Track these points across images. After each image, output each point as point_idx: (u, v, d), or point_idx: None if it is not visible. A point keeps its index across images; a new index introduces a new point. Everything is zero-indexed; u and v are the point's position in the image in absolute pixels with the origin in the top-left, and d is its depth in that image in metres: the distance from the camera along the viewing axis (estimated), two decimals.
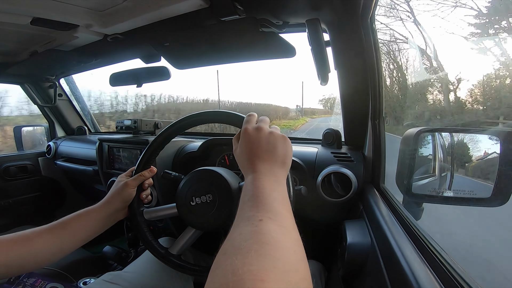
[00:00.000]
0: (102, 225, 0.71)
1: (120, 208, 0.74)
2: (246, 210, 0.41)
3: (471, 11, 6.07)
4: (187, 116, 0.73)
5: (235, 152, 0.57)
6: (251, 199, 0.42)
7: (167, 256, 0.74)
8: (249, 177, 0.48)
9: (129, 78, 1.38)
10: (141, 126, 1.36)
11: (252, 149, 0.52)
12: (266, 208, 0.40)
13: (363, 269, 0.66)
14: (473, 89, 5.25)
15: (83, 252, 1.41)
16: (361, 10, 0.66)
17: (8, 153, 1.84)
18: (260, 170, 0.49)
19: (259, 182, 0.46)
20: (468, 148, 0.77)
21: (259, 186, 0.45)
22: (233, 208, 0.65)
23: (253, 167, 0.50)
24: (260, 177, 0.47)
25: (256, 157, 0.51)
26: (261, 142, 0.53)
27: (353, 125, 0.95)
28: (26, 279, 0.97)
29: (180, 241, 0.75)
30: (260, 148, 0.52)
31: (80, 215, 0.68)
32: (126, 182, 0.75)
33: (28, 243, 0.59)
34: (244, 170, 0.52)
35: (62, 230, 0.64)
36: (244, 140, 0.54)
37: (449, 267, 0.44)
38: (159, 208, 0.79)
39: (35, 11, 0.80)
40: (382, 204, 0.71)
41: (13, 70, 1.36)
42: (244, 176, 0.52)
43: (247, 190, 0.45)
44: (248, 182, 0.47)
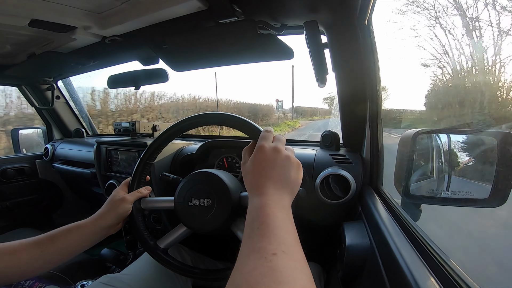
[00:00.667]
0: (92, 240, 0.70)
1: (113, 224, 0.72)
2: (256, 240, 0.39)
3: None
4: (201, 114, 0.72)
5: (244, 165, 0.55)
6: (261, 227, 0.41)
7: (154, 249, 0.74)
8: (257, 199, 0.47)
9: (127, 80, 1.38)
10: (139, 128, 1.36)
11: (266, 170, 0.51)
12: (278, 240, 0.39)
13: (362, 271, 0.66)
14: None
15: (81, 255, 1.40)
16: (359, 12, 0.67)
17: (5, 156, 1.83)
18: (270, 195, 0.47)
19: (270, 209, 0.44)
20: (465, 149, 0.78)
21: (269, 214, 0.43)
22: (229, 216, 0.65)
23: (263, 190, 0.48)
24: (270, 203, 0.45)
25: (268, 180, 0.49)
26: (276, 165, 0.51)
27: (351, 127, 0.96)
28: (23, 281, 0.97)
29: (169, 237, 0.75)
30: (274, 171, 0.51)
31: (71, 230, 0.66)
32: (124, 197, 0.73)
33: (15, 255, 0.58)
34: (251, 189, 0.50)
35: (50, 245, 0.63)
36: (258, 158, 0.52)
37: (448, 268, 0.44)
38: (157, 199, 0.78)
39: (33, 13, 0.80)
40: (380, 205, 0.72)
41: (11, 72, 1.36)
42: (250, 195, 0.50)
43: (256, 216, 0.43)
44: (257, 206, 0.45)
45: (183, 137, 1.45)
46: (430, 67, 7.36)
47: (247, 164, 0.54)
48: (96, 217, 0.70)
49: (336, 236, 0.80)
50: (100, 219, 0.70)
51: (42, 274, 1.07)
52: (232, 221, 0.68)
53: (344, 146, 1.03)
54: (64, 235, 0.65)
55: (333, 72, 0.84)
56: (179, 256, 0.89)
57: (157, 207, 0.78)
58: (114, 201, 0.73)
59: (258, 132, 0.60)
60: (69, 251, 0.66)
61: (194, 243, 1.12)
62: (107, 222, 0.71)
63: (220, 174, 0.70)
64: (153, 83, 1.33)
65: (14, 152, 1.94)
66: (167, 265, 0.73)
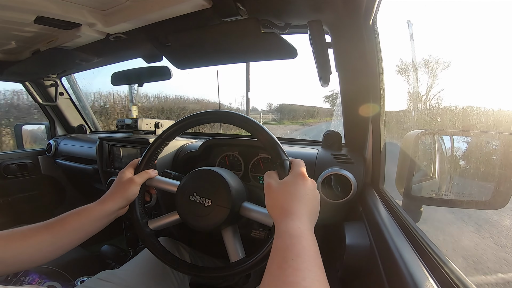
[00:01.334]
0: (102, 223, 0.69)
1: (122, 206, 0.71)
2: (289, 272, 0.39)
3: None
4: (225, 110, 0.71)
5: (272, 188, 0.54)
6: (296, 260, 0.40)
7: (142, 228, 0.74)
8: (291, 226, 0.46)
9: (130, 77, 1.39)
10: (142, 125, 1.37)
11: (305, 199, 0.52)
12: (312, 277, 0.39)
13: (362, 271, 0.66)
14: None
15: (81, 251, 1.41)
16: (363, 12, 0.67)
17: (8, 151, 1.84)
18: (306, 224, 0.48)
19: (306, 241, 0.44)
20: (468, 151, 0.77)
21: (306, 247, 0.43)
22: (224, 222, 0.66)
23: (299, 217, 0.48)
24: (307, 233, 0.46)
25: (305, 208, 0.50)
26: (313, 196, 0.53)
27: (353, 127, 0.96)
28: (23, 277, 0.98)
29: (160, 220, 0.76)
30: (311, 202, 0.52)
31: (80, 213, 0.66)
32: (132, 179, 0.72)
33: (25, 240, 0.58)
34: (281, 212, 0.50)
35: (60, 229, 0.62)
36: (299, 185, 0.53)
37: (447, 269, 0.44)
38: (163, 180, 0.78)
39: (39, 9, 0.80)
40: (381, 206, 0.72)
41: (16, 68, 1.36)
42: (280, 217, 0.49)
43: (291, 245, 0.43)
44: (291, 233, 0.45)
45: (185, 135, 1.45)
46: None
47: (280, 186, 0.54)
48: (105, 200, 0.69)
49: (336, 235, 0.80)
50: (108, 202, 0.69)
51: (42, 270, 1.07)
52: (225, 227, 0.69)
53: (346, 146, 1.03)
54: (74, 219, 0.64)
55: (337, 72, 0.84)
56: (177, 253, 0.89)
57: (161, 187, 0.78)
58: (122, 183, 0.72)
59: (284, 156, 0.61)
60: (79, 235, 0.65)
61: (192, 240, 1.12)
62: (116, 205, 0.70)
63: (228, 178, 0.69)
64: (156, 80, 1.33)
65: (17, 148, 1.95)
66: (151, 248, 0.73)
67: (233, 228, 0.70)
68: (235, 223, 0.72)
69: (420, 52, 5.86)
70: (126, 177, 0.73)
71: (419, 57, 6.65)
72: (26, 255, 0.58)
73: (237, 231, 0.71)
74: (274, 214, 0.51)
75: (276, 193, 0.53)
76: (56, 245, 0.62)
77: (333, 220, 0.93)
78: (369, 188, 0.85)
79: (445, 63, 6.21)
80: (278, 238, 0.46)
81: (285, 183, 0.54)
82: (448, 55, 6.30)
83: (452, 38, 7.43)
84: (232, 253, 0.68)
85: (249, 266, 0.62)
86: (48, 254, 0.61)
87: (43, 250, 0.60)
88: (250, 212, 0.67)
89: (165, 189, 0.77)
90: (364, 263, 0.65)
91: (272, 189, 0.54)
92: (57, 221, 0.63)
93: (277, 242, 0.45)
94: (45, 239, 0.60)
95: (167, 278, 0.82)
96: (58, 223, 0.63)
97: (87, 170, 1.56)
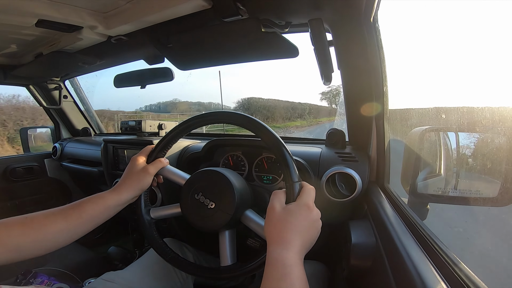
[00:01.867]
0: (115, 212, 0.69)
1: (136, 195, 0.72)
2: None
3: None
4: (229, 111, 0.72)
5: (275, 211, 0.54)
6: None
7: (144, 215, 0.75)
8: (286, 255, 0.47)
9: (133, 79, 1.39)
10: (145, 127, 1.37)
11: (305, 232, 0.52)
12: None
13: (368, 270, 0.66)
14: None
15: (89, 253, 1.43)
16: (364, 9, 0.66)
17: (14, 155, 1.86)
18: (299, 254, 0.49)
19: (299, 272, 0.46)
20: (474, 147, 0.76)
21: (299, 277, 0.45)
22: (224, 226, 0.66)
23: (296, 248, 0.49)
24: (299, 263, 0.47)
25: (302, 240, 0.51)
26: (313, 228, 0.53)
27: (357, 125, 0.95)
28: (32, 279, 0.99)
29: (162, 210, 0.76)
30: (310, 235, 0.53)
31: (97, 202, 0.66)
32: (146, 168, 0.72)
33: (41, 228, 0.58)
34: (278, 240, 0.50)
35: (78, 217, 0.62)
36: (302, 216, 0.53)
37: (456, 267, 0.43)
38: (174, 172, 0.78)
39: (40, 13, 0.80)
40: (387, 204, 0.71)
41: (19, 72, 1.38)
42: (275, 244, 0.50)
43: (284, 274, 0.45)
44: (285, 262, 0.46)
45: (189, 136, 1.45)
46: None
47: (284, 211, 0.54)
48: (120, 190, 0.69)
49: (341, 234, 0.80)
50: (123, 192, 0.69)
51: (51, 272, 1.09)
52: (223, 230, 0.69)
53: (350, 144, 1.02)
54: (91, 208, 0.65)
55: (339, 70, 0.83)
56: (181, 253, 0.89)
57: (170, 177, 0.77)
58: (136, 172, 0.71)
59: (295, 178, 0.59)
60: (94, 223, 0.66)
61: (196, 241, 1.13)
62: (131, 195, 0.70)
63: (236, 184, 0.69)
64: (158, 81, 1.33)
65: (23, 151, 1.97)
66: (150, 238, 0.74)
67: (231, 233, 0.71)
68: (234, 228, 0.72)
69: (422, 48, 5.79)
70: (140, 166, 0.72)
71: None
72: (41, 243, 0.59)
73: (234, 236, 0.72)
74: (270, 238, 0.52)
75: (277, 219, 0.53)
76: (71, 233, 0.63)
77: (338, 219, 0.92)
78: (374, 186, 0.84)
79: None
80: (272, 265, 0.46)
81: (289, 211, 0.53)
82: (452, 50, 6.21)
83: (452, 36, 7.32)
84: (223, 257, 0.69)
85: (238, 274, 0.63)
86: (63, 242, 0.62)
87: (59, 238, 0.61)
88: (250, 222, 0.68)
89: (174, 180, 0.77)
90: (370, 262, 0.65)
91: (274, 214, 0.54)
92: (74, 209, 0.63)
93: (271, 270, 0.46)
94: (62, 228, 0.61)
95: (171, 278, 0.83)
96: (75, 211, 0.63)
97: (93, 173, 1.57)
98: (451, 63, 5.25)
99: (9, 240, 0.54)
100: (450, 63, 5.22)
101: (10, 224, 0.56)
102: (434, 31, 8.43)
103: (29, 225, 0.58)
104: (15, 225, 0.56)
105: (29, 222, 0.58)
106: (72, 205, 0.64)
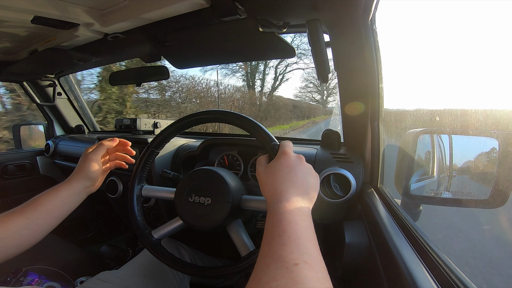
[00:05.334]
0: (74, 201, 0.70)
1: (88, 184, 0.72)
2: (277, 248, 0.38)
3: None
4: (215, 110, 0.72)
5: (262, 172, 0.55)
6: (282, 236, 0.40)
7: (148, 238, 0.74)
8: (279, 205, 0.46)
9: (129, 77, 1.39)
10: (140, 125, 1.36)
11: (289, 176, 0.51)
12: (301, 250, 0.38)
13: (361, 270, 0.67)
14: None
15: (81, 252, 1.41)
16: (362, 11, 0.67)
17: (6, 152, 1.83)
18: (292, 201, 0.47)
19: (292, 216, 0.44)
20: (466, 149, 0.77)
21: (292, 221, 0.43)
22: (227, 218, 0.65)
23: (285, 195, 0.48)
24: (293, 209, 0.45)
25: (291, 185, 0.50)
26: (299, 171, 0.52)
27: (352, 126, 0.96)
28: (23, 278, 0.97)
29: (164, 228, 0.75)
30: (297, 177, 0.51)
31: (50, 194, 0.67)
32: (87, 155, 0.73)
33: (2, 225, 0.58)
34: (272, 195, 0.50)
35: (34, 211, 0.63)
36: (281, 163, 0.53)
37: (447, 268, 0.44)
38: (159, 189, 0.78)
39: (36, 9, 0.80)
40: (380, 205, 0.72)
41: (13, 68, 1.36)
42: (269, 201, 0.49)
43: (277, 223, 0.43)
44: (278, 212, 0.45)
45: (184, 135, 1.45)
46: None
47: (267, 169, 0.54)
48: (70, 180, 0.71)
49: (335, 234, 0.80)
50: (73, 182, 0.71)
51: (42, 271, 1.07)
52: (229, 222, 0.69)
53: (345, 145, 1.03)
54: (45, 200, 0.65)
55: (335, 71, 0.84)
56: (177, 253, 0.89)
57: (158, 196, 0.78)
58: (81, 161, 0.73)
59: (272, 140, 0.61)
60: (54, 215, 0.66)
61: (192, 240, 1.13)
62: (81, 183, 0.71)
63: (224, 174, 0.69)
64: (154, 80, 1.33)
65: (15, 148, 1.94)
66: (159, 256, 0.72)
67: (238, 223, 0.70)
68: (239, 217, 0.71)
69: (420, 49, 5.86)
70: (84, 154, 0.74)
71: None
72: (8, 241, 0.58)
73: (242, 225, 0.71)
74: (266, 199, 0.52)
75: (264, 178, 0.54)
76: (32, 228, 0.62)
77: (332, 219, 0.93)
78: (368, 187, 0.85)
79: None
80: (267, 219, 0.46)
81: (270, 166, 0.54)
82: (449, 52, 6.29)
83: (449, 38, 7.41)
84: (242, 247, 0.67)
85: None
86: (27, 238, 0.62)
87: (23, 234, 0.61)
88: (251, 203, 0.68)
89: (163, 197, 0.77)
90: (363, 262, 0.65)
91: (260, 175, 0.55)
92: (29, 204, 0.64)
93: (266, 224, 0.45)
94: (21, 223, 0.61)
95: (167, 278, 0.83)
96: (30, 206, 0.64)
97: None
98: (447, 65, 5.31)
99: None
100: (446, 65, 5.29)
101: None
102: (430, 33, 8.52)
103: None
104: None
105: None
106: (29, 201, 0.65)
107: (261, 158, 0.59)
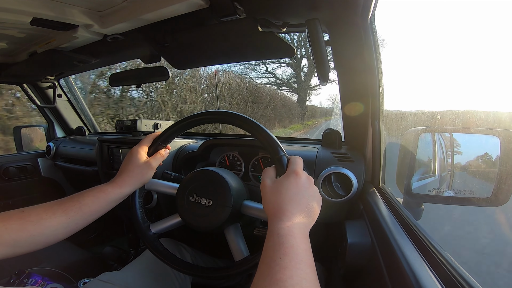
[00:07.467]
0: (115, 204, 0.68)
1: (136, 189, 0.71)
2: (276, 270, 0.39)
3: None
4: (224, 111, 0.71)
5: (266, 186, 0.54)
6: (283, 259, 0.40)
7: (145, 231, 0.74)
8: (281, 225, 0.46)
9: (128, 78, 1.39)
10: (141, 126, 1.36)
11: (297, 197, 0.51)
12: (300, 275, 0.39)
13: (364, 269, 0.67)
14: None
15: (84, 253, 1.41)
16: (361, 10, 0.66)
17: (7, 154, 1.83)
18: (295, 224, 0.47)
19: (295, 240, 0.44)
20: (468, 148, 0.77)
21: (293, 245, 0.43)
22: (226, 221, 0.65)
23: (288, 216, 0.48)
24: (296, 232, 0.45)
25: (296, 208, 0.49)
26: (306, 194, 0.52)
27: (353, 125, 0.95)
28: (26, 279, 0.98)
29: (162, 223, 0.75)
30: (304, 200, 0.51)
31: (98, 196, 0.64)
32: (148, 162, 0.70)
33: (40, 223, 0.56)
34: (275, 212, 0.50)
35: (78, 211, 0.60)
36: (291, 183, 0.52)
37: (450, 267, 0.44)
38: (162, 183, 0.78)
39: (35, 11, 0.79)
40: (382, 204, 0.72)
41: (13, 70, 1.36)
42: (272, 218, 0.49)
43: (279, 244, 0.43)
44: (280, 233, 0.45)
45: (184, 135, 1.45)
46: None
47: (274, 185, 0.54)
48: (123, 184, 0.68)
49: (337, 234, 0.80)
50: (126, 187, 0.68)
51: (45, 272, 1.08)
52: (227, 226, 0.69)
53: (346, 144, 1.03)
54: (92, 202, 0.63)
55: (335, 70, 0.84)
56: (178, 253, 0.89)
57: (160, 190, 0.78)
58: (138, 165, 0.70)
59: (280, 152, 0.60)
60: (94, 216, 0.65)
61: (193, 241, 1.13)
62: (133, 189, 0.69)
63: (228, 177, 0.69)
64: (154, 80, 1.33)
65: (16, 150, 1.95)
66: (155, 251, 0.72)
67: (235, 227, 0.70)
68: (237, 222, 0.72)
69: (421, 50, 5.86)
70: (142, 159, 0.70)
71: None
72: (40, 238, 0.57)
73: (239, 230, 0.71)
74: (267, 214, 0.52)
75: (269, 193, 0.53)
76: (71, 227, 0.61)
77: (334, 219, 0.93)
78: (370, 186, 0.85)
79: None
80: (268, 238, 0.46)
81: (279, 182, 0.54)
82: (449, 51, 6.27)
83: (449, 37, 7.37)
84: (236, 252, 0.68)
85: (254, 264, 0.61)
86: (61, 235, 0.60)
87: (58, 232, 0.59)
88: (251, 210, 0.68)
89: (165, 192, 0.77)
90: (366, 262, 0.65)
91: (266, 189, 0.54)
92: (74, 202, 0.61)
93: (267, 242, 0.45)
94: (61, 221, 0.59)
95: (169, 278, 0.83)
96: (75, 205, 0.61)
97: (87, 172, 1.55)
98: (448, 64, 5.31)
99: (7, 235, 0.53)
100: (447, 64, 5.28)
101: (7, 218, 0.54)
102: (429, 33, 8.51)
103: (27, 219, 0.56)
104: (12, 219, 0.55)
105: (26, 216, 0.56)
106: (71, 198, 0.62)
107: (269, 169, 0.58)
